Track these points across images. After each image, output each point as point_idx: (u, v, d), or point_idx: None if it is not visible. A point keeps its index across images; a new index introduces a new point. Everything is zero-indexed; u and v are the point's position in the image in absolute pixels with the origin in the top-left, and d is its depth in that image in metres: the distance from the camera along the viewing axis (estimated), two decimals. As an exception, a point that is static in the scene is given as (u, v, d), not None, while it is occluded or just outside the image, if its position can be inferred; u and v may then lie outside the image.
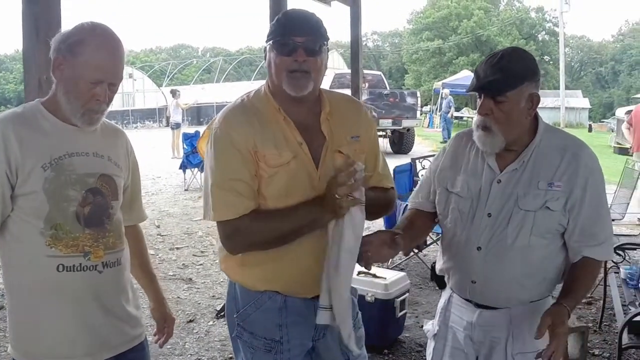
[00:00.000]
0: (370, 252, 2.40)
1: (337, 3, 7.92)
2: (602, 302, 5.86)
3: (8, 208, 2.21)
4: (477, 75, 2.49)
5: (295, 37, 2.31)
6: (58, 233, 2.21)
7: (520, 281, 2.55)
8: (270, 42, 2.37)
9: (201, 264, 8.01)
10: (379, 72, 26.97)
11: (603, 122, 43.98)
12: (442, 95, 31.04)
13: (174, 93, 21.62)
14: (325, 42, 2.40)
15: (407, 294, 5.34)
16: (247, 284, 2.53)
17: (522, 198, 2.48)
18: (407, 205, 2.97)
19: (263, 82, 2.54)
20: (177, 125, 20.17)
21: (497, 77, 2.40)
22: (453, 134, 2.93)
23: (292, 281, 2.47)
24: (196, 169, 14.28)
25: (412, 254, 7.22)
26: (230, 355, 5.19)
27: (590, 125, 40.96)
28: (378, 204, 2.56)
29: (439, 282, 2.91)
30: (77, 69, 2.19)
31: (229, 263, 2.56)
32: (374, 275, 5.04)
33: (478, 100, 2.52)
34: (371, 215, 2.47)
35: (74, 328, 2.28)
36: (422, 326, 5.68)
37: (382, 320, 4.75)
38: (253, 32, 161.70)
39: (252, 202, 2.37)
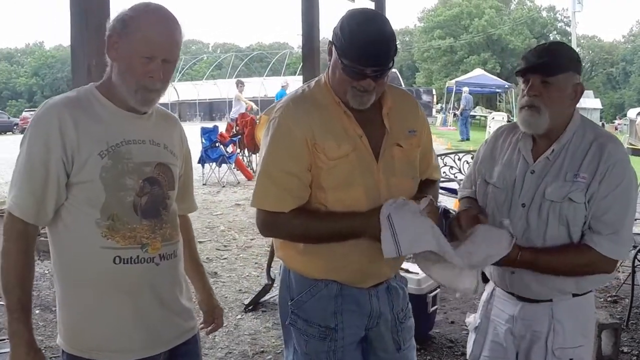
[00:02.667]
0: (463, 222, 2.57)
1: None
2: (629, 300, 5.87)
3: (63, 196, 2.15)
4: (526, 59, 2.56)
5: (367, 68, 2.28)
6: (115, 224, 2.15)
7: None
8: (339, 56, 2.32)
9: (225, 258, 8.03)
10: (394, 70, 26.87)
11: (614, 122, 43.90)
12: (453, 92, 31.03)
13: (237, 84, 19.49)
14: (393, 61, 2.37)
15: (438, 290, 5.34)
16: (304, 272, 2.55)
17: (548, 188, 2.52)
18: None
19: (275, 78, 2.54)
20: (232, 120, 17.85)
21: (548, 59, 2.50)
22: (495, 129, 2.96)
23: (352, 273, 2.51)
24: (214, 164, 14.30)
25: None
26: (262, 349, 5.23)
27: (603, 124, 40.86)
28: None
29: (483, 276, 2.95)
30: (131, 45, 2.13)
31: (288, 250, 2.59)
32: (407, 271, 5.01)
33: (522, 85, 2.58)
34: None
35: (130, 322, 2.23)
36: (451, 322, 5.76)
37: (415, 314, 4.74)
38: (263, 28, 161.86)
39: (296, 200, 2.40)
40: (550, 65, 2.48)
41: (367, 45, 2.26)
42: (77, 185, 2.14)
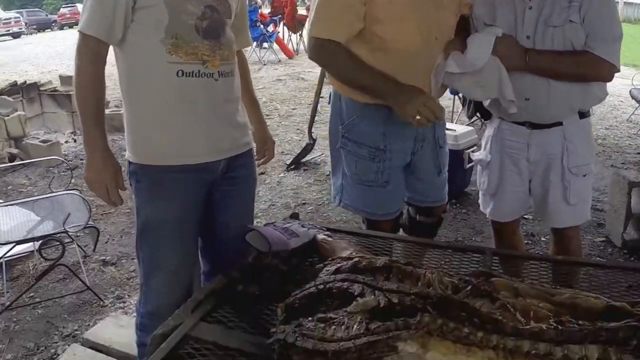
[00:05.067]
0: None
1: None
2: None
3: (129, 18, 2.32)
4: None
5: None
6: (178, 42, 2.31)
7: (563, 88, 2.76)
8: None
9: (268, 125, 8.18)
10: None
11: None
12: None
13: None
14: None
15: (475, 147, 5.50)
16: (355, 96, 2.74)
17: (549, 17, 2.69)
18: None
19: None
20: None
21: None
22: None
23: None
24: (255, 43, 14.24)
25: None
26: (303, 202, 5.51)
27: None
28: None
29: (484, 114, 3.12)
30: None
31: None
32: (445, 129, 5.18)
33: None
34: None
35: (191, 130, 2.42)
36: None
37: (452, 169, 4.89)
38: None
39: (347, 30, 2.56)
40: None
41: None
42: (142, 10, 2.31)
